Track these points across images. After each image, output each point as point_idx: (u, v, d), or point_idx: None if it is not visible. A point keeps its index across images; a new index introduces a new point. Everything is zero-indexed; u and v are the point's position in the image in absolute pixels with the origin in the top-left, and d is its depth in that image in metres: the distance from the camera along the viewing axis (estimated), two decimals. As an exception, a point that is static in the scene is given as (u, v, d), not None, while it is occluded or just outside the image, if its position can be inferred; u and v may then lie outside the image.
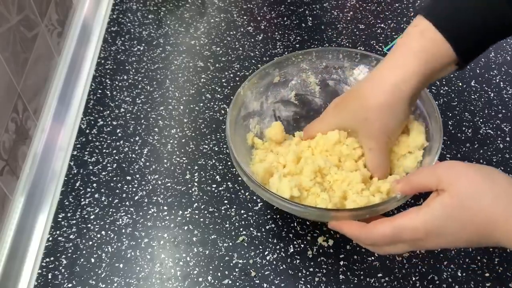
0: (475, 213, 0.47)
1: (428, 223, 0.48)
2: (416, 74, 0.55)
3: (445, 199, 0.48)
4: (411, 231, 0.49)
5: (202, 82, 0.85)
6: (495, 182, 0.47)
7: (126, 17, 0.95)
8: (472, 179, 0.48)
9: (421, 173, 0.53)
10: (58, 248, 0.67)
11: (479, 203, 0.47)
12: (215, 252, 0.67)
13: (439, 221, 0.48)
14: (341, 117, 0.62)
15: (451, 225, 0.48)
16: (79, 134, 0.78)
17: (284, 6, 0.96)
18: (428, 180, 0.50)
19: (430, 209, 0.49)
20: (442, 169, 0.50)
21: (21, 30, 0.74)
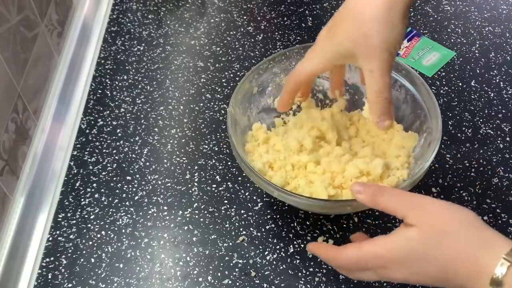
0: (440, 253, 0.46)
1: (392, 252, 0.48)
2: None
3: (412, 233, 0.47)
4: (374, 258, 0.49)
5: (202, 82, 0.85)
6: (464, 224, 0.47)
7: (126, 17, 0.95)
8: (441, 218, 0.48)
9: (389, 198, 0.51)
10: (58, 248, 0.67)
11: (445, 244, 0.46)
12: (215, 252, 0.67)
13: (403, 252, 0.48)
14: (336, 41, 0.56)
15: (414, 258, 0.47)
16: (79, 134, 0.78)
17: (284, 6, 0.96)
18: (396, 209, 0.50)
19: (397, 239, 0.48)
20: (413, 206, 0.49)
21: (21, 30, 0.74)
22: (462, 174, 0.73)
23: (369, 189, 0.52)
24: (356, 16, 0.54)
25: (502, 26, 0.91)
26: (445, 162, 0.74)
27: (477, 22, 0.92)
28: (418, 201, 0.50)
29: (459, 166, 0.74)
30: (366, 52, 0.54)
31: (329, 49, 0.57)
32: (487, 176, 0.73)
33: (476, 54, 0.87)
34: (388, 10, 0.53)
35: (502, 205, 0.70)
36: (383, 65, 0.54)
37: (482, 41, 0.89)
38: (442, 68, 0.86)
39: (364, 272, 0.52)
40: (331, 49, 0.57)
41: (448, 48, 0.88)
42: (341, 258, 0.52)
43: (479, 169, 0.74)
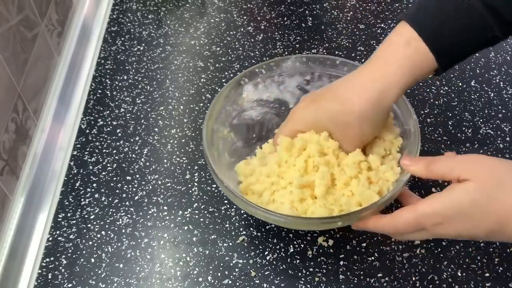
0: (497, 203, 0.47)
1: (452, 207, 0.49)
2: (399, 84, 0.55)
3: (470, 187, 0.48)
4: (434, 215, 0.50)
5: (202, 82, 0.85)
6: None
7: (126, 17, 0.95)
8: (496, 170, 0.48)
9: (442, 163, 0.52)
10: (58, 248, 0.67)
11: (503, 194, 0.47)
12: (215, 252, 0.67)
13: (463, 206, 0.48)
14: (319, 116, 0.60)
15: (474, 211, 0.48)
16: (79, 134, 0.78)
17: (284, 6, 0.96)
18: (451, 171, 0.51)
19: (454, 194, 0.49)
20: (466, 163, 0.50)
21: (21, 30, 0.74)
22: (462, 174, 0.73)
23: (421, 161, 0.55)
24: (344, 104, 0.58)
25: (502, 26, 0.91)
26: (445, 162, 0.74)
27: (477, 22, 0.92)
28: (470, 157, 0.51)
29: (459, 166, 0.74)
30: (343, 137, 0.60)
31: (310, 119, 0.61)
32: (487, 176, 0.73)
33: (476, 54, 0.87)
34: (375, 109, 0.57)
35: (502, 205, 0.70)
36: (353, 149, 0.61)
37: (482, 41, 0.89)
38: (442, 68, 0.86)
39: (417, 233, 0.52)
40: (311, 120, 0.61)
41: (448, 48, 0.88)
42: (397, 223, 0.52)
43: (479, 169, 0.74)
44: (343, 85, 0.59)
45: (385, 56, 0.56)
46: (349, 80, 0.59)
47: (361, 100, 0.56)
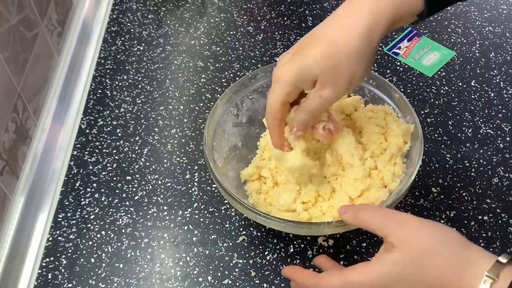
0: (426, 272, 0.46)
1: (379, 279, 0.47)
2: (387, 18, 0.51)
3: (396, 256, 0.47)
4: (360, 286, 0.48)
5: (202, 82, 0.85)
6: (447, 243, 0.47)
7: (126, 17, 0.95)
8: (423, 237, 0.47)
9: (373, 216, 0.51)
10: (58, 248, 0.67)
11: (430, 263, 0.46)
12: (215, 252, 0.67)
13: (389, 278, 0.47)
14: (303, 63, 0.53)
15: (401, 282, 0.47)
16: (79, 134, 0.78)
17: (284, 6, 0.96)
18: (378, 228, 0.50)
19: (381, 265, 0.48)
20: (395, 224, 0.49)
21: (21, 30, 0.74)
22: (462, 174, 0.73)
23: (353, 208, 0.53)
24: (329, 44, 0.52)
25: (502, 26, 0.91)
26: (445, 162, 0.74)
27: (477, 22, 0.92)
28: (400, 219, 0.49)
29: (459, 166, 0.74)
30: (328, 81, 0.53)
31: (293, 72, 0.54)
32: (487, 176, 0.73)
33: (476, 54, 0.87)
34: (363, 45, 0.51)
35: (502, 205, 0.70)
36: (335, 96, 0.54)
37: (482, 41, 0.89)
38: (442, 68, 0.86)
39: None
40: (296, 72, 0.54)
41: (448, 48, 0.88)
42: (321, 285, 0.51)
43: (479, 169, 0.74)
44: (324, 27, 0.54)
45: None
46: (330, 20, 0.54)
47: (348, 37, 0.51)
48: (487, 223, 0.68)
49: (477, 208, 0.70)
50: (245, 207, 0.59)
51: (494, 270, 0.45)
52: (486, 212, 0.69)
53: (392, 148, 0.63)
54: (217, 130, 0.67)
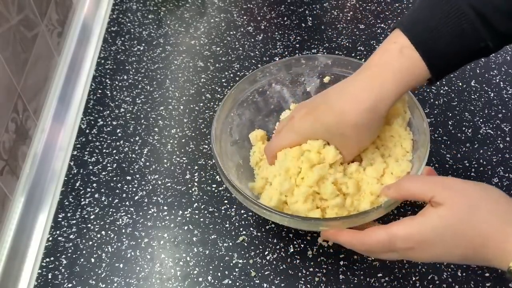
0: (471, 227, 0.47)
1: (425, 232, 0.49)
2: (393, 93, 0.55)
3: (443, 211, 0.48)
4: (406, 239, 0.49)
5: (202, 82, 0.85)
6: (492, 199, 0.48)
7: (126, 17, 0.95)
8: (469, 194, 0.48)
9: (416, 182, 0.53)
10: (58, 248, 0.67)
11: (476, 218, 0.47)
12: (215, 252, 0.67)
13: (435, 231, 0.48)
14: (314, 127, 0.60)
15: (447, 236, 0.48)
16: (79, 134, 0.78)
17: (284, 6, 0.96)
18: (423, 192, 0.51)
19: (427, 219, 0.49)
20: (439, 185, 0.50)
21: (21, 30, 0.74)
22: (462, 174, 0.73)
23: (394, 183, 0.55)
24: (338, 115, 0.57)
25: (502, 26, 0.91)
26: (445, 162, 0.74)
27: (477, 22, 0.92)
28: (443, 181, 0.51)
29: (459, 166, 0.74)
30: (339, 146, 0.60)
31: (307, 131, 0.61)
32: (487, 176, 0.73)
33: (476, 54, 0.87)
34: (369, 119, 0.57)
35: (502, 205, 0.70)
36: (350, 157, 0.62)
37: (482, 41, 0.89)
38: (442, 68, 0.86)
39: (388, 253, 0.52)
40: (309, 132, 0.60)
41: (448, 48, 0.88)
42: (369, 241, 0.52)
43: (479, 169, 0.74)
44: (337, 96, 0.58)
45: (380, 64, 0.56)
46: (343, 89, 0.58)
47: (356, 111, 0.56)
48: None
49: (477, 208, 0.70)
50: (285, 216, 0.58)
51: None
52: (486, 212, 0.69)
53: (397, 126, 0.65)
54: (223, 153, 0.65)
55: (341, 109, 0.57)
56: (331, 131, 0.59)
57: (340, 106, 0.57)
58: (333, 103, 0.58)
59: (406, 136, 0.65)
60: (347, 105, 0.57)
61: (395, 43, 0.55)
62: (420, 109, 0.64)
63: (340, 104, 0.57)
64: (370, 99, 0.55)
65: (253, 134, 0.70)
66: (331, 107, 0.58)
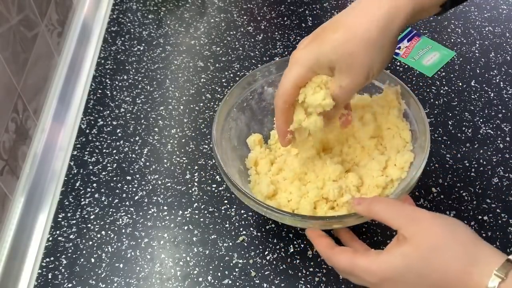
0: (433, 270, 0.46)
1: (386, 271, 0.48)
2: (406, 11, 0.51)
3: (406, 250, 0.48)
4: (367, 273, 0.50)
5: (202, 82, 0.85)
6: (457, 239, 0.47)
7: (126, 17, 0.95)
8: (435, 233, 0.48)
9: (387, 208, 0.52)
10: (58, 248, 0.67)
11: (438, 260, 0.46)
12: (215, 252, 0.67)
13: (397, 271, 0.48)
14: (321, 49, 0.54)
15: (409, 277, 0.47)
16: (79, 134, 0.78)
17: (284, 6, 0.96)
18: (391, 220, 0.50)
19: (391, 257, 0.48)
20: (408, 218, 0.49)
21: (21, 30, 0.74)
22: (462, 174, 0.73)
23: (367, 200, 0.54)
24: (346, 30, 0.52)
25: (502, 26, 0.91)
26: (445, 162, 0.74)
27: (477, 22, 0.92)
28: (413, 213, 0.50)
29: (459, 166, 0.74)
30: (346, 69, 0.54)
31: (312, 56, 0.55)
32: (487, 176, 0.73)
33: (476, 54, 0.87)
34: (381, 34, 0.52)
35: (502, 205, 0.70)
36: (354, 86, 0.55)
37: (482, 41, 0.89)
38: (442, 68, 0.86)
39: (353, 278, 0.52)
40: (314, 56, 0.55)
41: (448, 48, 0.88)
42: (334, 261, 0.53)
43: (479, 169, 0.74)
44: (347, 13, 0.54)
45: None
46: (353, 6, 0.54)
47: (367, 25, 0.51)
48: (487, 223, 0.68)
49: (477, 208, 0.70)
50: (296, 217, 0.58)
51: (504, 269, 0.44)
52: (486, 212, 0.69)
53: None
54: (225, 161, 0.64)
55: (350, 24, 0.52)
56: (339, 51, 0.53)
57: (348, 22, 0.53)
58: (340, 20, 0.54)
59: (404, 126, 0.65)
60: (357, 19, 0.52)
61: None
62: (415, 99, 0.64)
63: (349, 20, 0.53)
64: (382, 14, 0.51)
65: (250, 139, 0.70)
66: (338, 24, 0.54)
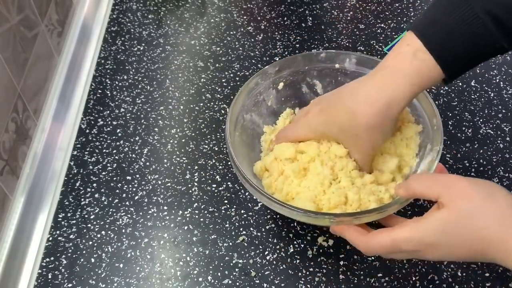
0: (470, 232, 0.48)
1: (425, 237, 0.50)
2: (406, 95, 0.56)
3: (443, 215, 0.49)
4: (408, 243, 0.51)
5: (202, 82, 0.85)
6: (494, 202, 0.48)
7: (126, 17, 0.95)
8: (471, 197, 0.49)
9: (422, 182, 0.53)
10: (58, 248, 0.67)
11: (475, 222, 0.48)
12: (215, 252, 0.67)
13: (435, 236, 0.49)
14: (328, 127, 0.61)
15: (447, 240, 0.49)
16: (79, 134, 0.78)
17: (284, 6, 0.96)
18: (429, 191, 0.52)
19: (428, 223, 0.50)
20: (444, 186, 0.51)
21: (21, 30, 0.74)
22: (462, 174, 0.73)
23: (404, 183, 0.56)
24: (351, 116, 0.58)
25: (502, 26, 0.91)
26: (445, 162, 0.74)
27: (477, 22, 0.92)
28: (449, 180, 0.51)
29: (459, 166, 0.74)
30: (353, 147, 0.61)
31: (320, 128, 0.62)
32: (487, 176, 0.73)
33: (476, 54, 0.87)
34: (381, 120, 0.57)
35: (502, 205, 0.70)
36: (365, 159, 0.62)
37: (482, 41, 0.89)
38: (442, 68, 0.86)
39: (395, 254, 0.53)
40: (322, 130, 0.62)
41: (448, 48, 0.88)
42: (373, 244, 0.53)
43: (479, 169, 0.74)
44: (350, 96, 0.59)
45: (393, 66, 0.56)
46: (356, 90, 0.59)
47: (368, 113, 0.56)
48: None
49: (477, 208, 0.70)
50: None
51: None
52: (486, 212, 0.69)
53: None
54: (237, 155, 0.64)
55: (354, 110, 0.57)
56: (345, 132, 0.60)
57: (352, 107, 0.58)
58: (345, 103, 0.59)
59: (411, 137, 0.65)
60: (359, 106, 0.57)
61: (408, 45, 0.55)
62: (432, 105, 0.64)
63: (352, 105, 0.58)
64: (382, 101, 0.56)
65: (257, 167, 0.67)
66: (344, 107, 0.59)
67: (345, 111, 0.58)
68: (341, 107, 0.59)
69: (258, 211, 0.70)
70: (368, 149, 0.61)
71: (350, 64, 0.71)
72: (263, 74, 0.69)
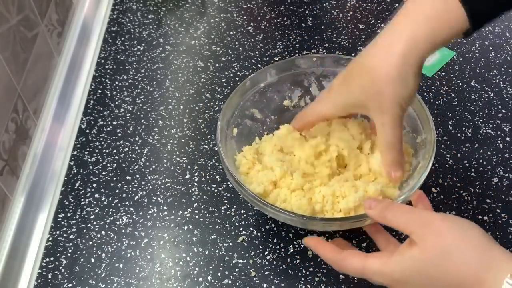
0: (443, 273, 0.46)
1: (396, 273, 0.49)
2: (426, 41, 0.52)
3: (415, 253, 0.47)
4: (379, 276, 0.50)
5: (202, 82, 0.85)
6: (468, 243, 0.46)
7: (126, 17, 0.95)
8: (444, 236, 0.47)
9: (398, 216, 0.51)
10: (58, 248, 0.67)
11: (448, 264, 0.46)
12: (215, 252, 0.67)
13: (407, 274, 0.48)
14: (350, 92, 0.58)
15: (418, 280, 0.47)
16: (79, 134, 0.78)
17: (284, 6, 0.96)
18: (403, 227, 0.50)
19: (401, 260, 0.48)
20: (419, 224, 0.48)
21: (21, 30, 0.74)
22: (462, 174, 0.73)
23: (379, 204, 0.53)
24: (370, 71, 0.55)
25: (502, 26, 0.92)
26: (445, 162, 0.74)
27: (477, 22, 0.92)
28: (425, 218, 0.49)
29: (459, 166, 0.74)
30: (378, 107, 0.56)
31: (342, 98, 0.59)
32: (487, 176, 0.73)
33: (476, 54, 0.87)
34: (402, 68, 0.53)
35: (502, 205, 0.70)
36: (394, 120, 0.56)
37: (482, 41, 0.89)
38: (442, 68, 0.86)
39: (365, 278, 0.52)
40: (345, 99, 0.59)
41: (448, 48, 0.88)
42: (344, 266, 0.52)
43: (479, 169, 0.74)
44: (368, 52, 0.56)
45: (412, 10, 0.53)
46: (374, 44, 0.56)
47: (387, 63, 0.53)
48: (487, 223, 0.68)
49: (477, 208, 0.70)
50: None
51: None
52: (486, 212, 0.69)
53: None
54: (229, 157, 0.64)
55: (373, 64, 0.55)
56: (367, 92, 0.56)
57: (371, 62, 0.55)
58: (365, 61, 0.56)
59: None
60: (378, 59, 0.54)
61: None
62: (425, 109, 0.64)
63: (371, 60, 0.55)
64: (400, 48, 0.52)
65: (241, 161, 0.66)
66: (363, 66, 0.56)
67: (364, 70, 0.55)
68: (360, 66, 0.56)
69: (258, 211, 0.70)
70: (395, 107, 0.55)
71: None
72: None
